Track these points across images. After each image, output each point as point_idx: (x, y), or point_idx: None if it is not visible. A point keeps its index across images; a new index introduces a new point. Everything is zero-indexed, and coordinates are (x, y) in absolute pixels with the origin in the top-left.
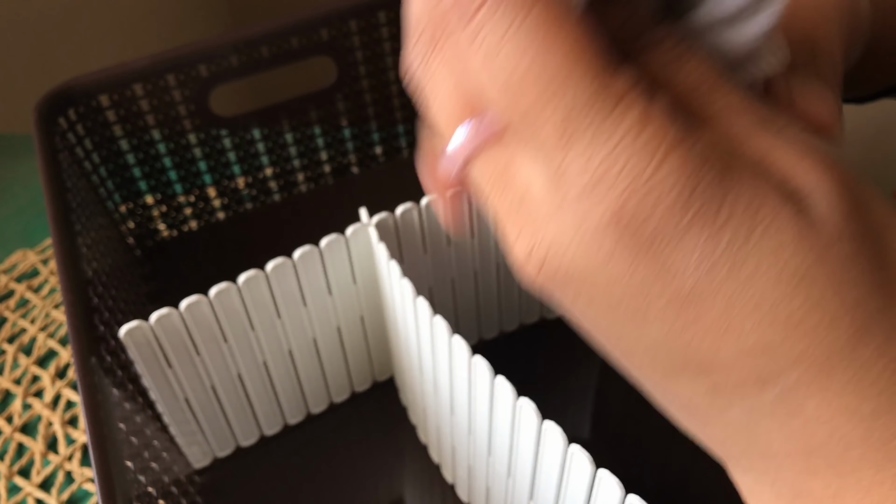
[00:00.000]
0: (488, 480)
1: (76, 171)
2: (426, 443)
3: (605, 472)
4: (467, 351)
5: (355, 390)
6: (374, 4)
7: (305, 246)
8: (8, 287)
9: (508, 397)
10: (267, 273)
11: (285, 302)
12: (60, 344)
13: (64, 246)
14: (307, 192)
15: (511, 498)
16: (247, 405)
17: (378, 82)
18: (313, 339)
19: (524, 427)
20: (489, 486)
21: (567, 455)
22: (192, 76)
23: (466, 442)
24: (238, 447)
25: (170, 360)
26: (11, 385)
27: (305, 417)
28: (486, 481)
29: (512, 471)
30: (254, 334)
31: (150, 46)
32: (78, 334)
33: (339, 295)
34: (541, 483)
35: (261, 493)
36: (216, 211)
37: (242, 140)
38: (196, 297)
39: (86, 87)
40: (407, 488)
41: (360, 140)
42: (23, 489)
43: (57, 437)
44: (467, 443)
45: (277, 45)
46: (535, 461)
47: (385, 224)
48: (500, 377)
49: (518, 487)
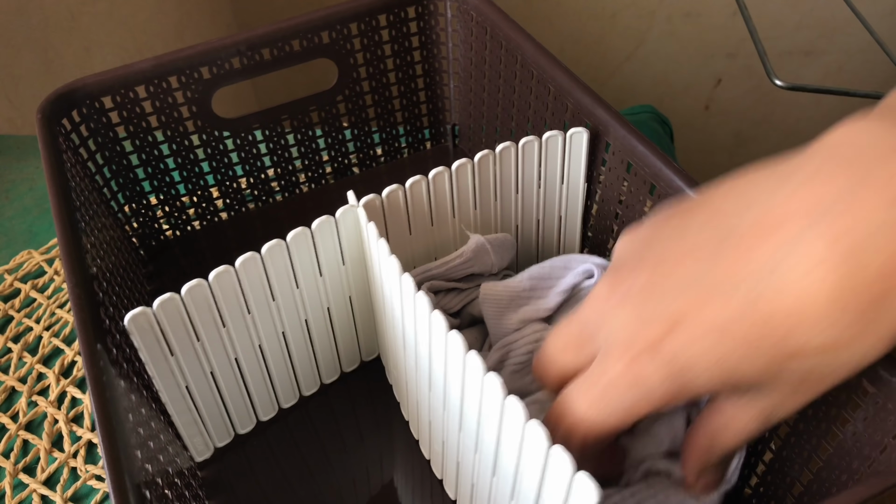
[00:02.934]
0: (459, 455)
1: (80, 171)
2: (408, 418)
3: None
4: (445, 326)
5: (344, 371)
6: (375, 7)
7: (298, 228)
8: (13, 286)
9: (478, 374)
10: (262, 255)
11: (279, 283)
12: (65, 343)
13: (69, 243)
14: (308, 192)
15: (477, 468)
16: (244, 391)
17: (378, 84)
18: (304, 320)
19: (489, 402)
20: (459, 462)
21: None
22: (194, 78)
23: (442, 417)
24: (236, 436)
25: (172, 348)
26: (17, 383)
27: (298, 400)
28: (457, 456)
29: (479, 447)
30: (250, 317)
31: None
32: (85, 326)
33: (329, 276)
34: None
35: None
36: (219, 211)
37: (244, 141)
38: (196, 281)
39: (90, 88)
40: (395, 466)
41: (360, 141)
42: (28, 486)
43: (62, 435)
44: (442, 418)
45: (279, 48)
46: (499, 434)
47: (373, 205)
48: (472, 352)
49: (483, 461)
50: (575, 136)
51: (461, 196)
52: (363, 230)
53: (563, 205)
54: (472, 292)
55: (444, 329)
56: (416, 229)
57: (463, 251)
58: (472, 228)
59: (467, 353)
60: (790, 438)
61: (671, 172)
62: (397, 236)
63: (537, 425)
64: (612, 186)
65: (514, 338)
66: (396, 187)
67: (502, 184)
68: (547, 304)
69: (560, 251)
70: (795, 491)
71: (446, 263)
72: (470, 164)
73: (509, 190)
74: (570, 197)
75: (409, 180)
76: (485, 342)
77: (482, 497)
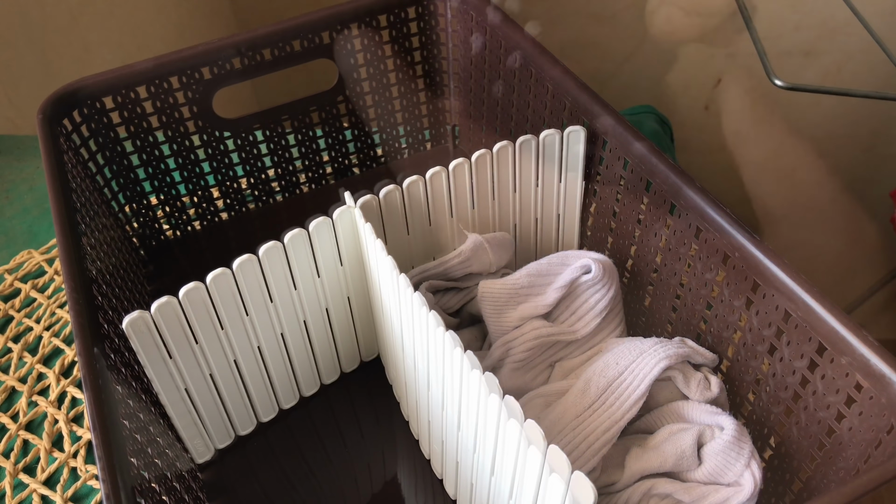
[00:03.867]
0: (458, 455)
1: (81, 172)
2: (408, 418)
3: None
4: (441, 326)
5: (343, 371)
6: (375, 8)
7: (294, 229)
8: (13, 286)
9: (475, 374)
10: (259, 256)
11: (277, 285)
12: (65, 343)
13: (69, 246)
14: (309, 192)
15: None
16: (244, 392)
17: (379, 84)
18: (304, 321)
19: (487, 403)
20: (459, 461)
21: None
22: (195, 78)
23: (440, 417)
24: (237, 437)
25: (170, 351)
26: (17, 383)
27: (298, 401)
28: (456, 456)
29: (477, 446)
30: (248, 320)
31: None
32: (83, 332)
33: (327, 277)
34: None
35: (260, 485)
36: (219, 211)
37: (245, 141)
38: (194, 284)
39: (90, 89)
40: (395, 465)
41: (361, 141)
42: (28, 486)
43: (62, 435)
44: (441, 418)
45: (279, 48)
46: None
47: (369, 206)
48: (469, 352)
49: (482, 461)
50: (572, 135)
51: (459, 195)
52: (360, 231)
53: (562, 203)
54: (470, 291)
55: (440, 329)
56: (413, 229)
57: (461, 250)
58: (470, 228)
59: (464, 352)
60: (789, 435)
61: (667, 169)
62: (395, 236)
63: (535, 425)
64: (610, 184)
65: (513, 335)
66: (393, 187)
67: (500, 183)
68: (545, 300)
69: (558, 249)
70: (795, 487)
71: (445, 263)
72: (467, 164)
73: (507, 189)
74: (567, 195)
75: (406, 180)
76: (485, 340)
77: (481, 497)
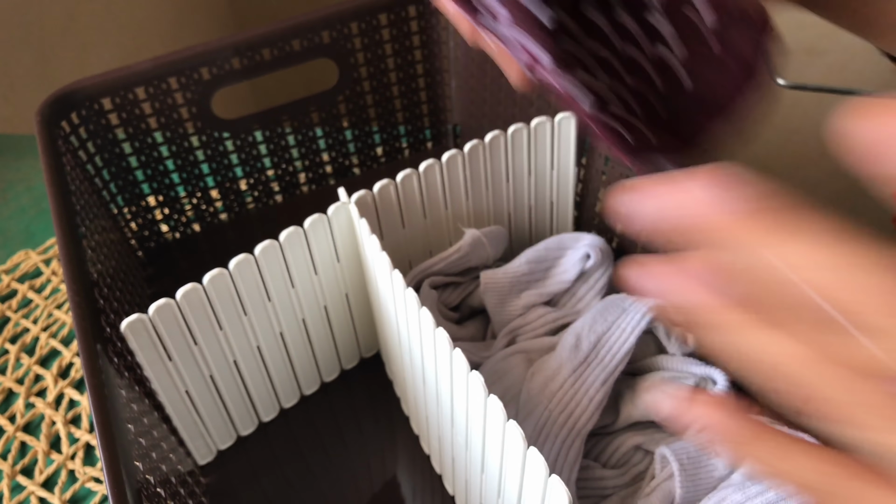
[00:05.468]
0: (454, 452)
1: (80, 173)
2: (408, 414)
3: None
4: (432, 323)
5: (344, 368)
6: (375, 7)
7: (290, 227)
8: (10, 287)
9: (463, 371)
10: (256, 256)
11: (274, 284)
12: (63, 344)
13: (69, 249)
14: (309, 192)
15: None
16: (244, 393)
17: (379, 84)
18: (302, 319)
19: (473, 401)
20: (454, 458)
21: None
22: (194, 79)
23: (437, 413)
24: (238, 437)
25: (170, 353)
26: (14, 384)
27: (299, 399)
28: (451, 452)
29: (468, 444)
30: (247, 319)
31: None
32: (86, 336)
33: (324, 274)
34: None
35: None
36: (218, 212)
37: (244, 142)
38: (191, 285)
39: (88, 90)
40: (396, 461)
41: (361, 141)
42: (26, 488)
43: (60, 436)
44: (437, 414)
45: (279, 48)
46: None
47: (364, 201)
48: (457, 350)
49: (472, 458)
50: (563, 122)
51: (453, 187)
52: (356, 227)
53: (555, 190)
54: (469, 285)
55: (432, 325)
56: (409, 223)
57: (460, 246)
58: (464, 219)
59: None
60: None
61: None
62: (391, 231)
63: (516, 426)
64: (598, 168)
65: (519, 323)
66: (388, 182)
67: (493, 173)
68: (548, 287)
69: (552, 235)
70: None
71: (444, 259)
72: (460, 156)
73: (500, 179)
74: (560, 182)
75: (400, 174)
76: (487, 332)
77: (474, 494)
